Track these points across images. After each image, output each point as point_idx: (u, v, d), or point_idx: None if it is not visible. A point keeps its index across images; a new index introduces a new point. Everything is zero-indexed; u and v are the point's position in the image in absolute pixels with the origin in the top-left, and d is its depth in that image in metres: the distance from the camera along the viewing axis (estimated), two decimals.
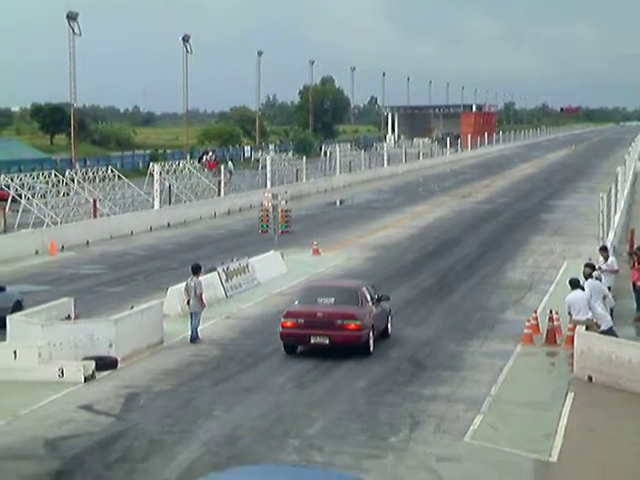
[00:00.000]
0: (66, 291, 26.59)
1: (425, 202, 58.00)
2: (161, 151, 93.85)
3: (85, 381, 18.56)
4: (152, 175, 48.93)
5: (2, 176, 44.80)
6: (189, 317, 22.34)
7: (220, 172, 57.68)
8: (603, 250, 24.73)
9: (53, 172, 45.94)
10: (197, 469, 13.90)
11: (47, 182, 44.68)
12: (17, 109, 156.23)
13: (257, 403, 17.27)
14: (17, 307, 23.23)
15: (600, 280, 21.54)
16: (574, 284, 20.32)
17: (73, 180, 45.88)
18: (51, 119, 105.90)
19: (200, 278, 23.00)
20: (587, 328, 19.41)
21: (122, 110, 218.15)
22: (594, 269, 21.90)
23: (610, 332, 19.51)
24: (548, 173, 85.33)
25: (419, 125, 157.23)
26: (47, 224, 40.83)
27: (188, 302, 22.57)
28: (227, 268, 27.96)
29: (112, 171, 48.52)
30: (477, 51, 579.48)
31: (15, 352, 18.93)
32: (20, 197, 42.65)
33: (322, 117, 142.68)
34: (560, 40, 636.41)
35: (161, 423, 16.09)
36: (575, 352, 19.03)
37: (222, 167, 59.96)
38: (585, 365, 18.64)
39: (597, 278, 21.41)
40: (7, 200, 43.32)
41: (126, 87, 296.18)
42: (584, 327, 19.43)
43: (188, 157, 78.18)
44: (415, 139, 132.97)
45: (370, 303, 21.39)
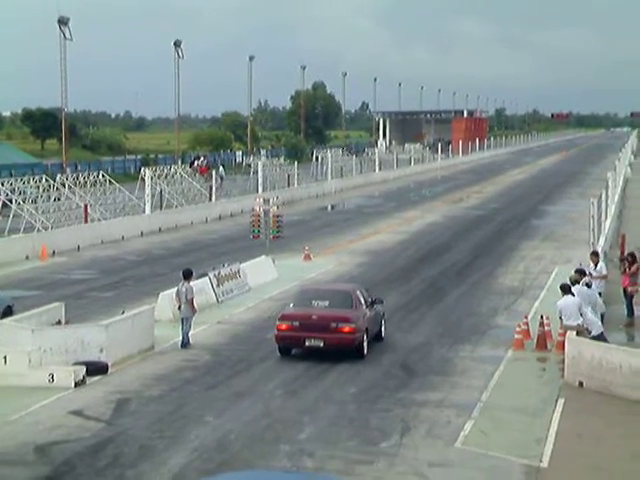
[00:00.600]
0: (57, 296, 26.52)
1: (416, 207, 58.05)
2: (152, 156, 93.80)
3: (75, 386, 18.52)
4: (143, 180, 48.89)
5: None
6: (180, 322, 22.32)
7: (211, 177, 57.67)
8: (594, 255, 24.80)
9: (44, 177, 45.84)
10: (188, 475, 13.90)
11: (38, 187, 44.58)
12: (8, 114, 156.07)
13: (248, 408, 17.25)
14: (7, 312, 23.16)
15: (590, 286, 21.59)
16: (565, 289, 20.36)
17: (64, 185, 45.79)
18: (42, 124, 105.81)
19: (191, 283, 22.98)
20: (578, 333, 19.46)
21: (113, 115, 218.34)
22: (583, 275, 21.95)
23: (601, 338, 19.56)
24: (539, 179, 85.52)
25: (410, 131, 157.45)
26: (38, 229, 40.74)
27: (179, 307, 22.56)
28: (218, 273, 27.93)
29: (103, 176, 48.45)
30: (468, 57, 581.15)
31: (5, 357, 18.89)
32: (11, 202, 42.55)
33: (314, 122, 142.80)
34: (551, 46, 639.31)
35: (152, 428, 16.06)
36: (566, 357, 19.07)
37: (213, 172, 59.96)
38: (576, 371, 18.68)
39: (587, 284, 21.46)
40: None
41: (118, 92, 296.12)
42: (575, 332, 19.47)
43: (179, 162, 78.10)
44: (406, 145, 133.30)
45: (364, 306, 21.51)
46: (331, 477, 13.02)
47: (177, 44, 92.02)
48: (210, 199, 54.84)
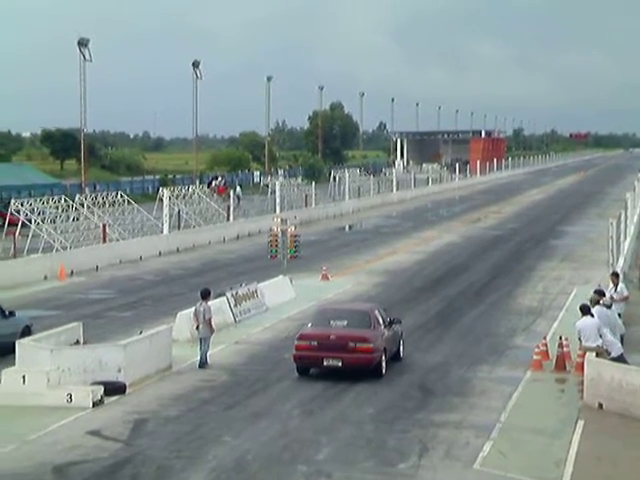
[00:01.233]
0: (75, 316, 26.61)
1: (434, 227, 57.98)
2: (170, 176, 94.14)
3: (93, 406, 18.53)
4: (161, 200, 49.06)
5: (12, 201, 45.00)
6: (198, 342, 22.32)
7: (229, 197, 57.81)
8: (614, 276, 24.64)
9: (63, 197, 46.11)
10: None
11: (57, 207, 44.84)
12: (28, 134, 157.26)
13: (265, 429, 17.21)
14: (26, 332, 23.23)
15: (610, 307, 21.45)
16: (585, 310, 20.25)
17: (83, 205, 46.03)
18: (61, 144, 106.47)
19: (209, 303, 23.00)
20: (597, 355, 19.33)
21: (132, 135, 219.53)
22: (603, 295, 21.81)
23: (621, 359, 19.40)
24: (557, 199, 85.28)
25: (428, 151, 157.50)
26: (56, 249, 40.93)
27: (197, 327, 22.55)
28: (236, 293, 27.95)
29: (121, 196, 48.65)
30: (486, 77, 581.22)
31: (24, 377, 18.94)
32: (30, 222, 42.78)
33: (331, 142, 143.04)
34: (570, 66, 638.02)
35: (169, 449, 16.04)
36: (585, 379, 18.93)
37: (231, 192, 60.10)
38: (595, 392, 18.53)
39: (607, 306, 21.31)
40: (17, 225, 43.48)
41: (136, 113, 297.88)
42: (594, 354, 19.35)
43: (197, 182, 78.40)
44: (424, 165, 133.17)
45: (382, 326, 21.49)
46: None
47: (195, 65, 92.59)
48: (228, 219, 54.98)
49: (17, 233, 42.29)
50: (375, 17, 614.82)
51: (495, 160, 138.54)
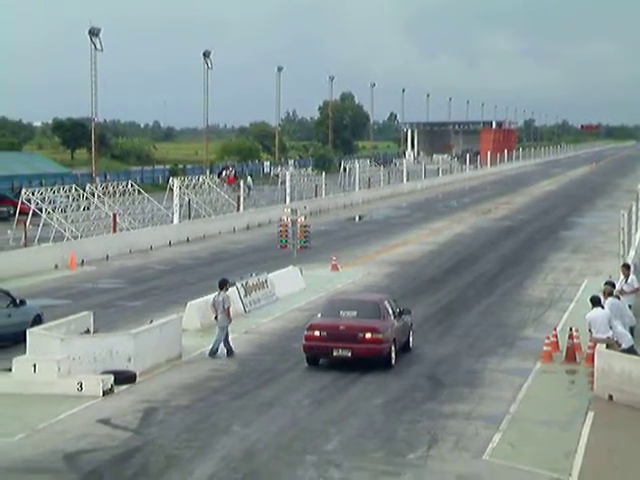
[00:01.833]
0: (85, 305, 26.66)
1: (444, 218, 57.90)
2: (181, 166, 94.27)
3: (104, 395, 18.59)
4: (172, 190, 49.10)
5: (23, 190, 45.12)
6: (216, 331, 22.27)
7: (239, 187, 57.84)
8: (625, 267, 24.53)
9: (74, 186, 46.19)
10: None
11: (68, 196, 44.94)
12: (39, 124, 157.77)
13: (275, 418, 17.24)
14: (37, 321, 23.32)
15: (619, 299, 21.39)
16: (595, 302, 20.21)
17: (93, 194, 46.11)
18: (72, 134, 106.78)
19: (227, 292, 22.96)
20: (608, 346, 19.29)
21: (142, 125, 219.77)
22: (614, 287, 21.75)
23: (631, 351, 19.37)
24: (568, 190, 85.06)
25: (438, 141, 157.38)
26: (67, 238, 41.04)
27: (216, 317, 22.50)
28: (246, 283, 27.98)
29: (132, 186, 48.71)
30: (497, 68, 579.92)
31: (35, 365, 19.02)
32: (41, 211, 42.88)
33: (341, 133, 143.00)
34: (581, 57, 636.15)
35: (179, 438, 16.08)
36: (595, 370, 18.90)
37: (241, 182, 60.13)
38: (605, 384, 18.50)
39: (617, 297, 21.26)
40: (28, 214, 43.61)
41: (147, 102, 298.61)
42: (604, 345, 19.31)
43: (208, 172, 78.44)
44: (434, 155, 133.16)
45: (392, 317, 21.49)
46: None
47: (206, 55, 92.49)
48: (238, 209, 54.99)
49: (28, 222, 42.41)
50: (387, 8, 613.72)
51: (506, 151, 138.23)
